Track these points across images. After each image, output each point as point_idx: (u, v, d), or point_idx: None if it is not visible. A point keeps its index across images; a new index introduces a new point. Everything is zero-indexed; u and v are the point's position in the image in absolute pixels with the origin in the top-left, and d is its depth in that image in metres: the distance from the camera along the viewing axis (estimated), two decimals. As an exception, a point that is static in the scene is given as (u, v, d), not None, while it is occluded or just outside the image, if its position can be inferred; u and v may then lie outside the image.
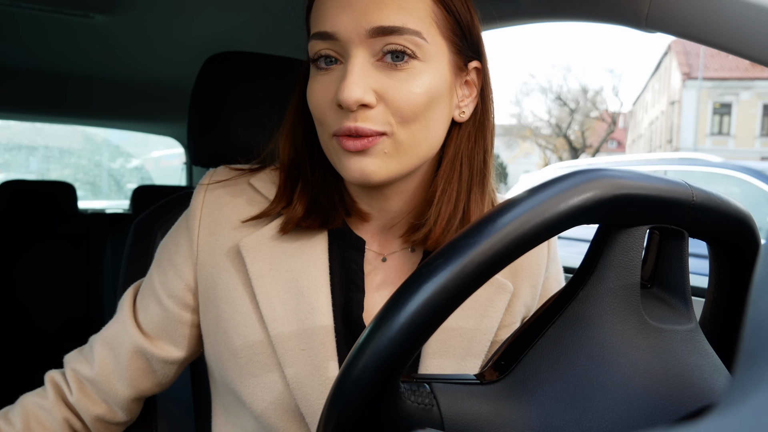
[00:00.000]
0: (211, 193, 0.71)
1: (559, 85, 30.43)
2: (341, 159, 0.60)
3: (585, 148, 27.66)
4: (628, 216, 0.42)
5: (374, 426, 0.38)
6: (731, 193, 3.55)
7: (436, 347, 0.67)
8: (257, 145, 1.05)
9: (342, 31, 0.57)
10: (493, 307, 0.68)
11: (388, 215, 0.69)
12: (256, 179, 0.72)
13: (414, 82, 0.58)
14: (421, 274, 0.36)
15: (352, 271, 0.68)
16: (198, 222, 0.70)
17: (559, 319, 0.43)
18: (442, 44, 0.61)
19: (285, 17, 1.43)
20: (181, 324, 0.72)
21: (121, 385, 0.73)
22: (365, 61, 0.58)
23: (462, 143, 0.66)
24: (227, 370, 0.68)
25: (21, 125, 5.10)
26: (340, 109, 0.58)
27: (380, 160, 0.59)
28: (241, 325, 0.66)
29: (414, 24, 0.57)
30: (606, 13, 0.81)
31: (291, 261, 0.66)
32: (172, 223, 1.04)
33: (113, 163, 5.95)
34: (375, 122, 0.58)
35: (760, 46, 0.63)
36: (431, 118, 0.60)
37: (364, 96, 0.56)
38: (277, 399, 0.65)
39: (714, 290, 0.51)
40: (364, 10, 0.57)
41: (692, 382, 0.42)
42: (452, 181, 0.65)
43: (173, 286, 0.71)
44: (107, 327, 0.75)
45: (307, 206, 0.67)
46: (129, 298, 0.75)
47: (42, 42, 1.72)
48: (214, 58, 1.03)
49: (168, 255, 0.73)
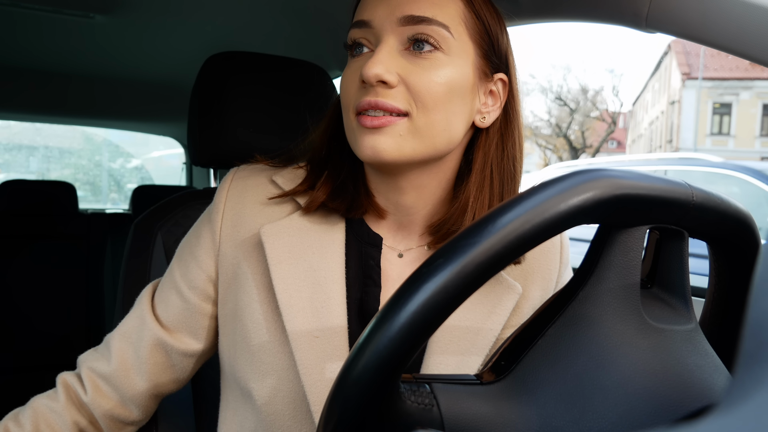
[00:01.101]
0: (234, 189, 0.73)
1: (559, 85, 30.45)
2: (357, 136, 0.63)
3: (585, 148, 27.66)
4: (628, 216, 0.42)
5: (374, 426, 0.38)
6: (731, 193, 3.55)
7: (441, 344, 0.67)
8: (257, 145, 1.06)
9: (376, 19, 0.62)
10: (500, 306, 0.69)
11: (404, 211, 0.70)
12: (279, 176, 0.74)
13: (435, 72, 0.61)
14: (421, 274, 0.36)
15: (369, 267, 0.70)
16: (221, 215, 0.72)
17: (559, 319, 0.43)
18: (469, 44, 0.64)
19: (285, 17, 1.43)
20: (202, 315, 0.73)
21: (139, 379, 0.73)
22: (393, 47, 0.62)
23: (491, 150, 0.68)
24: (238, 359, 0.69)
25: (21, 125, 5.11)
26: (362, 86, 0.62)
27: (393, 140, 0.61)
28: (256, 312, 0.67)
29: (443, 18, 0.62)
30: (606, 13, 0.81)
31: (309, 251, 0.68)
32: (172, 223, 1.05)
33: (113, 163, 5.95)
34: (395, 99, 0.61)
35: (760, 46, 0.63)
36: (451, 111, 0.63)
37: (384, 73, 0.60)
38: (285, 386, 0.65)
39: (714, 290, 0.51)
40: (399, 2, 0.62)
41: (692, 382, 0.42)
42: (484, 188, 0.68)
43: (195, 278, 0.72)
44: (124, 322, 0.76)
45: (331, 191, 0.69)
46: (148, 294, 0.77)
47: (42, 42, 1.72)
48: (214, 58, 1.03)
49: (189, 248, 0.74)
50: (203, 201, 1.07)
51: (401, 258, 0.71)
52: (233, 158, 1.04)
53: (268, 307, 0.67)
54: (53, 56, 1.88)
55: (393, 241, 0.72)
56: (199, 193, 1.09)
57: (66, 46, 1.77)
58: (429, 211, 0.70)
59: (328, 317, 0.65)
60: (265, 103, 1.03)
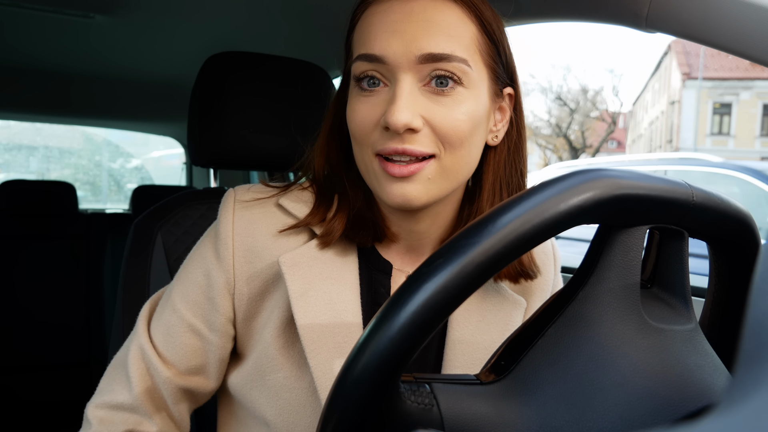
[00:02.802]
0: (240, 220, 0.69)
1: (559, 85, 30.45)
2: (382, 182, 0.61)
3: (585, 148, 27.65)
4: (628, 216, 0.42)
5: (374, 426, 0.38)
6: (731, 193, 3.55)
7: (462, 360, 0.68)
8: (257, 144, 1.06)
9: (391, 56, 0.58)
10: (511, 323, 0.70)
11: (416, 236, 0.70)
12: (286, 199, 0.70)
13: (459, 108, 0.59)
14: (421, 274, 0.36)
15: (379, 294, 0.69)
16: (231, 252, 0.68)
17: (559, 319, 0.43)
18: (484, 71, 0.62)
19: (285, 17, 1.43)
20: (223, 352, 0.70)
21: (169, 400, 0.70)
22: (413, 86, 0.59)
23: (500, 168, 0.68)
24: (252, 390, 0.68)
25: (21, 125, 5.10)
26: (385, 131, 0.59)
27: (423, 185, 0.60)
28: (271, 347, 0.66)
29: (461, 52, 0.59)
30: (606, 13, 0.81)
31: (328, 282, 0.66)
32: (172, 223, 1.05)
33: (113, 163, 5.95)
34: (423, 144, 0.59)
35: (760, 46, 0.63)
36: (473, 143, 0.62)
37: (412, 120, 0.57)
38: (303, 422, 0.65)
39: (714, 290, 0.51)
40: (413, 36, 0.58)
41: (692, 382, 0.42)
42: (494, 204, 0.67)
43: (214, 321, 0.69)
44: (127, 361, 0.70)
45: (348, 222, 0.67)
46: (151, 350, 0.70)
47: (42, 42, 1.72)
48: (214, 58, 1.03)
49: (200, 289, 0.69)
50: (203, 201, 1.07)
51: None
52: (233, 158, 1.04)
53: (285, 339, 0.66)
54: (53, 56, 1.88)
55: (402, 263, 0.71)
56: (199, 193, 1.09)
57: (66, 46, 1.77)
58: (440, 234, 0.71)
59: (349, 349, 0.64)
60: (265, 103, 1.03)
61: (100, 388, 0.71)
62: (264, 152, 1.04)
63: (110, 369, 0.72)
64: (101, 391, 0.71)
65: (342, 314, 0.65)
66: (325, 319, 0.65)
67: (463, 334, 0.69)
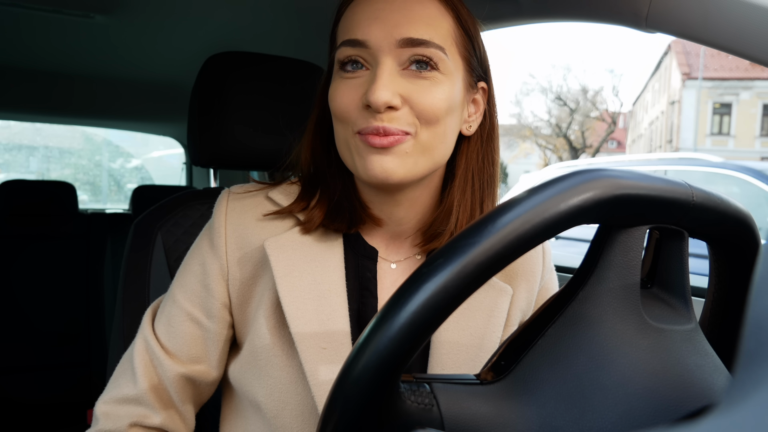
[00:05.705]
0: (232, 211, 0.74)
1: (559, 85, 30.44)
2: (363, 156, 0.64)
3: (585, 148, 27.65)
4: (628, 216, 0.42)
5: (374, 426, 0.38)
6: (731, 193, 3.55)
7: (447, 360, 0.69)
8: (257, 144, 1.06)
9: (373, 40, 0.63)
10: (497, 309, 0.72)
11: (396, 221, 0.72)
12: (275, 192, 0.75)
13: (436, 89, 0.63)
14: (421, 274, 0.36)
15: (366, 279, 0.71)
16: (224, 240, 0.72)
17: (559, 318, 0.43)
18: (459, 62, 0.67)
19: (285, 17, 1.44)
20: (224, 341, 0.73)
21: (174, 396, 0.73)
22: (393, 68, 0.63)
23: (472, 157, 0.71)
24: (246, 374, 0.70)
25: (21, 125, 5.10)
26: (366, 110, 0.63)
27: (400, 159, 0.63)
28: (262, 327, 0.68)
29: (439, 40, 0.63)
30: (606, 13, 0.81)
31: (312, 265, 0.69)
32: (172, 223, 1.05)
33: (113, 163, 5.95)
34: (401, 122, 0.62)
35: (760, 46, 0.63)
36: (448, 125, 0.66)
37: (392, 98, 0.61)
38: (293, 399, 0.66)
39: (714, 290, 0.51)
40: (395, 23, 0.62)
41: (692, 382, 0.42)
42: (466, 192, 0.70)
43: (211, 307, 0.72)
44: (133, 359, 0.72)
45: (328, 211, 0.70)
46: (155, 342, 0.73)
47: (42, 42, 1.72)
48: (214, 58, 1.03)
49: (196, 278, 0.73)
50: (203, 201, 1.07)
51: (394, 268, 0.74)
52: (233, 158, 1.04)
53: (275, 320, 0.68)
54: (53, 56, 1.88)
55: (386, 252, 0.74)
56: (199, 193, 1.09)
57: (66, 46, 1.77)
58: (419, 221, 0.73)
59: (334, 328, 0.67)
60: (265, 103, 1.03)
61: (109, 384, 0.74)
62: (264, 152, 1.04)
63: (118, 367, 0.75)
64: (109, 387, 0.74)
65: (326, 294, 0.68)
66: (309, 297, 0.67)
67: (449, 333, 0.70)
